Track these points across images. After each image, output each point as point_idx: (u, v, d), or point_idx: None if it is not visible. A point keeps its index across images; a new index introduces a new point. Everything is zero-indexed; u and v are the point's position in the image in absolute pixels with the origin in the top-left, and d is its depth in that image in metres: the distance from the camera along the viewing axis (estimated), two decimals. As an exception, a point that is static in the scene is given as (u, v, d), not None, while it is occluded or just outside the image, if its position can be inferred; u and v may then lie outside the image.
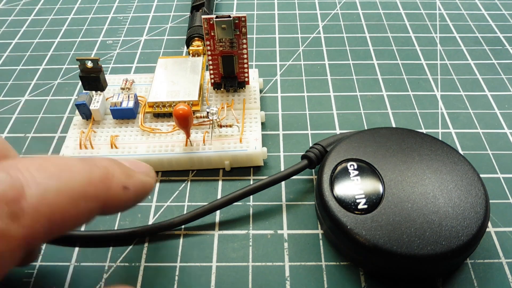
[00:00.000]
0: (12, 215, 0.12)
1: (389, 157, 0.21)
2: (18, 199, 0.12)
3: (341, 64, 0.32)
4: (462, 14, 0.37)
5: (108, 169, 0.16)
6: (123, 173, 0.16)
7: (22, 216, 0.12)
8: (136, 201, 0.17)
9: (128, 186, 0.16)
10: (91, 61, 0.24)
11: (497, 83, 0.30)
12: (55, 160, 0.14)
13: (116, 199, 0.16)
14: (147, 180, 0.17)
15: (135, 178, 0.17)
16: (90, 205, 0.14)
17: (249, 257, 0.21)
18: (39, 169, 0.13)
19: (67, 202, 0.14)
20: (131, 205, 0.17)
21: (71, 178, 0.14)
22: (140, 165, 0.18)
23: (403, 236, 0.18)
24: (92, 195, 0.14)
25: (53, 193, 0.13)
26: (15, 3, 0.40)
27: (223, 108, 0.26)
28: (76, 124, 0.26)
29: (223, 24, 0.24)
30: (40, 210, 0.13)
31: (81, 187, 0.14)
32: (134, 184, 0.16)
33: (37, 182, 0.13)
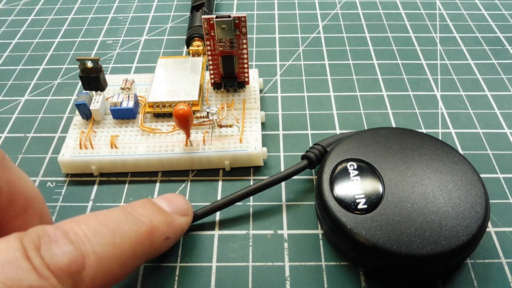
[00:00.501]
0: (74, 285, 0.13)
1: (389, 157, 0.21)
2: (80, 271, 0.14)
3: (341, 64, 0.32)
4: (462, 14, 0.37)
5: (152, 224, 0.17)
6: (164, 223, 0.18)
7: (81, 285, 0.14)
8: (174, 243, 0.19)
9: (169, 237, 0.18)
10: (91, 61, 0.24)
11: (497, 83, 0.30)
12: (108, 222, 0.16)
13: (158, 250, 0.18)
14: (185, 221, 0.19)
15: (175, 225, 0.18)
16: (136, 263, 0.16)
17: (249, 257, 0.21)
18: (95, 235, 0.15)
19: (119, 265, 0.15)
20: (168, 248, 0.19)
21: (123, 242, 0.15)
22: (178, 203, 0.20)
23: (402, 236, 0.18)
24: (139, 254, 0.16)
25: (108, 262, 0.15)
26: (15, 3, 0.40)
27: (223, 108, 0.26)
28: (76, 124, 0.26)
29: (223, 24, 0.24)
30: (96, 277, 0.14)
31: (131, 250, 0.16)
32: (174, 231, 0.18)
33: (95, 252, 0.14)
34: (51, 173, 0.25)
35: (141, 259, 0.16)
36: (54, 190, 0.24)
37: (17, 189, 0.16)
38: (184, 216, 0.19)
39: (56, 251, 0.14)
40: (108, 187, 0.24)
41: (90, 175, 0.25)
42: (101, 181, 0.24)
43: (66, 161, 0.24)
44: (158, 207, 0.18)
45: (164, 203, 0.19)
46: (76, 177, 0.25)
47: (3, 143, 0.27)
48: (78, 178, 0.24)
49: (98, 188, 0.24)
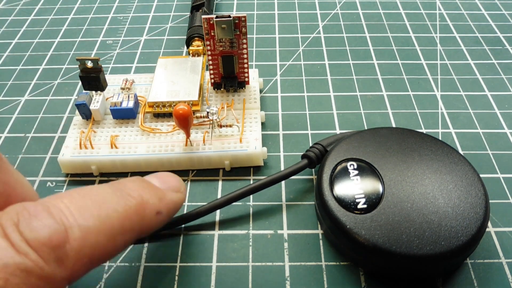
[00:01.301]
0: (57, 259, 0.13)
1: (389, 157, 0.21)
2: (63, 244, 0.13)
3: (341, 64, 0.32)
4: (462, 14, 0.37)
5: (142, 198, 0.16)
6: (155, 197, 0.17)
7: (66, 260, 0.13)
8: (168, 219, 0.18)
9: (161, 211, 0.17)
10: (91, 61, 0.24)
11: (497, 83, 0.30)
12: (93, 195, 0.15)
13: (150, 226, 0.16)
14: (178, 196, 0.18)
15: (167, 200, 0.17)
16: (126, 237, 0.15)
17: (249, 257, 0.21)
18: (79, 209, 0.14)
19: (106, 239, 0.14)
20: (163, 224, 0.18)
21: (109, 215, 0.15)
22: (169, 179, 0.18)
23: (402, 236, 0.18)
24: (128, 228, 0.15)
25: (93, 234, 0.14)
26: (15, 3, 0.40)
27: (223, 108, 0.26)
28: (76, 124, 0.26)
29: (223, 24, 0.24)
30: (82, 251, 0.13)
31: (118, 223, 0.15)
32: (166, 206, 0.17)
33: (79, 224, 0.14)
34: (51, 173, 0.25)
35: (132, 233, 0.16)
36: (54, 190, 0.24)
37: (14, 191, 0.16)
38: (176, 193, 0.18)
39: (35, 224, 0.13)
40: (108, 187, 0.24)
41: (90, 175, 0.25)
42: (101, 181, 0.24)
43: (66, 161, 0.24)
44: (148, 183, 0.17)
45: (155, 180, 0.18)
46: (76, 177, 0.25)
47: (3, 143, 0.27)
48: (78, 178, 0.25)
49: (98, 188, 0.24)
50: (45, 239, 0.13)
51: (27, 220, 0.13)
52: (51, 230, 0.13)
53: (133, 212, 0.15)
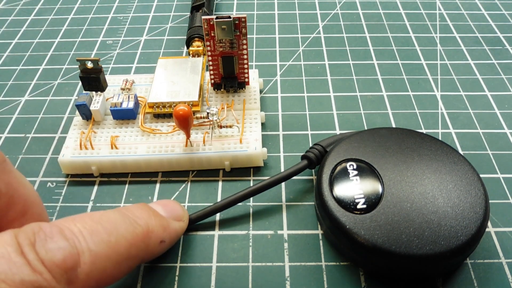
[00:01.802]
0: (68, 281, 0.14)
1: (388, 157, 0.21)
2: (75, 268, 0.14)
3: (341, 64, 0.32)
4: (462, 14, 0.37)
5: (148, 226, 0.17)
6: (160, 227, 0.18)
7: (76, 282, 0.14)
8: (169, 247, 0.19)
9: (164, 240, 0.18)
10: (91, 61, 0.24)
11: (497, 83, 0.30)
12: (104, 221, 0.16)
13: (153, 253, 0.18)
14: (180, 226, 0.20)
15: (170, 229, 0.19)
16: (131, 264, 0.16)
17: (249, 257, 0.21)
18: (91, 234, 0.15)
19: (113, 265, 0.15)
20: (163, 252, 0.19)
21: (118, 242, 0.15)
22: (173, 208, 0.20)
23: (402, 236, 0.18)
24: (134, 255, 0.16)
25: (102, 259, 0.15)
26: (15, 3, 0.40)
27: (223, 108, 0.26)
28: (76, 124, 0.26)
29: (223, 24, 0.24)
30: (90, 275, 0.14)
31: (125, 251, 0.16)
32: (169, 235, 0.18)
33: (90, 249, 0.14)
34: (51, 174, 0.25)
35: (136, 260, 0.17)
36: (54, 190, 0.24)
37: (16, 192, 0.17)
38: (179, 221, 0.20)
39: (51, 246, 0.14)
40: (108, 188, 0.24)
41: (90, 175, 0.25)
42: (101, 181, 0.24)
43: (66, 161, 0.24)
44: (154, 211, 0.18)
45: (160, 208, 0.19)
46: (76, 177, 0.25)
47: (3, 144, 0.27)
48: (78, 178, 0.25)
49: (98, 189, 0.24)
50: (59, 261, 0.13)
51: (43, 240, 0.14)
52: (65, 252, 0.14)
53: (139, 240, 0.16)
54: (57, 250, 0.14)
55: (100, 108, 0.26)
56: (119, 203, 0.23)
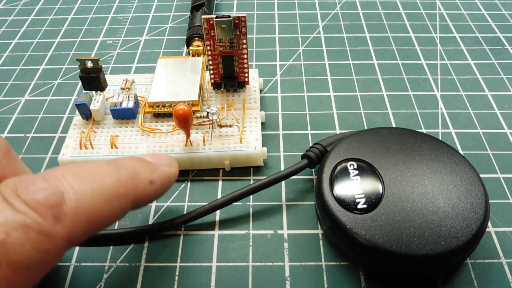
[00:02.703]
0: (56, 218, 0.14)
1: (389, 157, 0.21)
2: (60, 204, 0.14)
3: (341, 64, 0.32)
4: (462, 14, 0.37)
5: (134, 168, 0.17)
6: (148, 169, 0.18)
7: (64, 218, 0.14)
8: (163, 191, 0.19)
9: (154, 181, 0.18)
10: (91, 61, 0.24)
11: (497, 83, 0.30)
12: (87, 166, 0.16)
13: (144, 194, 0.17)
14: (171, 170, 0.19)
15: (159, 172, 0.18)
16: (122, 203, 0.16)
17: (249, 257, 0.21)
18: (74, 176, 0.15)
19: (102, 202, 0.15)
20: (158, 196, 0.19)
21: (103, 181, 0.16)
22: (162, 158, 0.20)
23: (402, 236, 0.18)
24: (123, 194, 0.16)
25: (89, 196, 0.15)
26: (15, 3, 0.40)
27: (223, 108, 0.26)
28: (76, 124, 0.26)
29: (223, 24, 0.24)
30: (79, 212, 0.14)
31: (112, 188, 0.16)
32: (159, 177, 0.18)
33: (74, 188, 0.14)
34: (51, 173, 0.25)
35: (127, 200, 0.16)
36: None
37: None
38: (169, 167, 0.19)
39: (32, 189, 0.14)
40: (108, 187, 0.24)
41: (90, 175, 0.24)
42: (101, 181, 0.24)
43: (66, 161, 0.24)
44: (141, 158, 0.19)
45: (148, 157, 0.19)
46: (76, 177, 0.25)
47: (3, 143, 0.27)
48: (78, 178, 0.24)
49: (98, 188, 0.24)
50: (42, 199, 0.14)
51: (25, 186, 0.14)
52: (47, 192, 0.14)
53: (126, 180, 0.16)
54: (39, 191, 0.14)
55: (100, 107, 0.26)
56: (119, 203, 0.23)
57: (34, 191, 0.14)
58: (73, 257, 0.21)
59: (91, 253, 0.21)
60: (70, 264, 0.21)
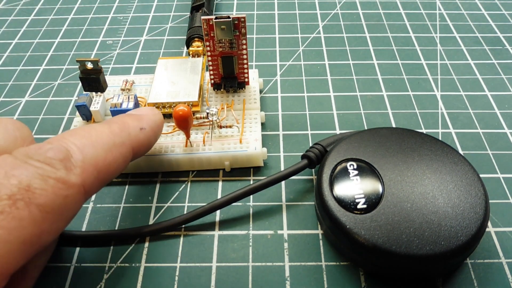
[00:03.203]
0: (67, 168, 0.16)
1: (389, 157, 0.21)
2: (68, 158, 0.16)
3: (341, 64, 0.32)
4: (462, 14, 0.37)
5: (122, 121, 0.20)
6: (135, 119, 0.21)
7: (74, 168, 0.16)
8: (154, 136, 0.22)
9: (143, 127, 0.20)
10: (91, 62, 0.24)
11: (497, 83, 0.30)
12: (82, 127, 0.19)
13: (138, 140, 0.20)
14: (155, 117, 0.22)
15: (146, 119, 0.21)
16: (121, 150, 0.18)
17: (249, 257, 0.21)
18: (73, 135, 0.17)
19: (103, 151, 0.17)
20: (153, 139, 0.21)
21: (99, 135, 0.18)
22: (145, 109, 0.22)
23: (402, 236, 0.18)
24: (119, 142, 0.19)
25: (91, 148, 0.17)
26: (15, 3, 0.40)
27: (223, 108, 0.26)
28: (77, 125, 0.26)
29: (223, 25, 0.24)
30: (85, 161, 0.17)
31: (108, 139, 0.18)
32: (147, 123, 0.21)
33: (76, 144, 0.17)
34: (51, 174, 0.25)
35: (125, 147, 0.19)
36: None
37: None
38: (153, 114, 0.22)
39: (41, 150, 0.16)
40: (108, 188, 0.24)
41: (91, 175, 0.25)
42: (101, 181, 0.24)
43: (66, 161, 0.24)
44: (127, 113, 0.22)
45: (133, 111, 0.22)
46: (76, 177, 0.25)
47: (4, 144, 0.27)
48: (78, 178, 0.25)
49: (98, 189, 0.24)
50: (52, 156, 0.16)
51: (34, 150, 0.16)
52: (54, 150, 0.16)
53: (119, 130, 0.19)
54: (48, 150, 0.16)
55: (100, 108, 0.26)
56: (119, 203, 0.23)
57: (44, 151, 0.16)
58: (74, 258, 0.21)
59: (91, 254, 0.21)
60: (70, 264, 0.21)
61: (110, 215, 0.23)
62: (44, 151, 0.16)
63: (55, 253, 0.21)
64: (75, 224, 0.22)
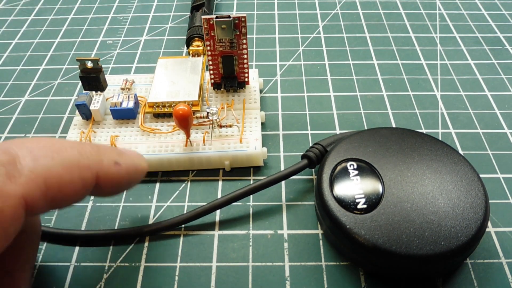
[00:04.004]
0: (9, 175, 0.13)
1: (389, 157, 0.21)
2: (14, 162, 0.13)
3: (341, 64, 0.32)
4: (462, 14, 0.37)
5: (98, 147, 0.17)
6: (113, 151, 0.17)
7: (18, 176, 0.13)
8: (129, 180, 0.18)
9: (119, 163, 0.17)
10: (91, 61, 0.24)
11: (497, 83, 0.30)
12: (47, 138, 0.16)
13: (108, 173, 0.16)
14: (139, 159, 0.18)
15: (126, 157, 0.17)
16: (83, 173, 0.15)
17: (249, 257, 0.21)
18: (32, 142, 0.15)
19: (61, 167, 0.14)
20: (125, 184, 0.18)
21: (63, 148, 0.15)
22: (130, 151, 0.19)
23: (402, 236, 0.18)
24: (85, 165, 0.15)
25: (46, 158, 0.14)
26: (15, 3, 0.40)
27: (223, 108, 0.26)
28: (76, 124, 0.26)
29: (223, 24, 0.24)
30: (35, 172, 0.14)
31: (73, 156, 0.15)
32: (125, 162, 0.17)
33: (30, 150, 0.14)
34: (51, 173, 0.25)
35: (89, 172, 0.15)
36: (54, 190, 0.24)
37: None
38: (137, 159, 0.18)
39: None
40: (108, 187, 0.24)
41: (90, 175, 0.24)
42: (101, 181, 0.24)
43: (66, 161, 0.24)
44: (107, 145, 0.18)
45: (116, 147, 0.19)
46: (76, 177, 0.25)
47: (3, 143, 0.27)
48: (78, 178, 0.24)
49: (98, 188, 0.24)
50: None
51: None
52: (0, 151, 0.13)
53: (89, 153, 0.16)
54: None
55: (100, 108, 0.26)
56: (119, 202, 0.23)
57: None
58: (73, 257, 0.21)
59: (91, 253, 0.21)
60: (70, 264, 0.21)
61: (110, 214, 0.23)
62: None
63: (55, 253, 0.21)
64: (75, 224, 0.22)
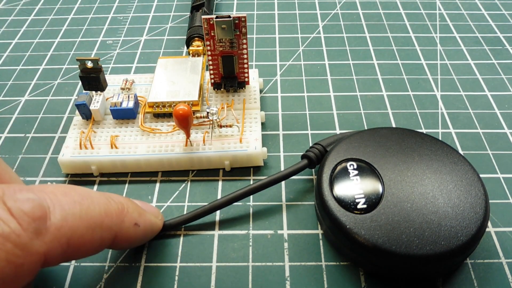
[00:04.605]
0: (37, 232, 0.13)
1: (389, 157, 0.21)
2: (44, 218, 0.13)
3: (341, 64, 0.32)
4: (462, 14, 0.37)
5: (123, 205, 0.17)
6: (135, 211, 0.18)
7: (45, 234, 0.13)
8: (143, 239, 0.19)
9: (139, 224, 0.18)
10: (91, 61, 0.24)
11: (497, 83, 0.30)
12: (78, 189, 0.16)
13: (126, 234, 0.17)
14: (156, 221, 0.20)
15: (145, 217, 0.19)
16: (104, 234, 0.16)
17: (249, 257, 0.21)
18: (63, 195, 0.15)
19: (85, 227, 0.15)
20: (138, 242, 0.19)
21: (91, 207, 0.15)
22: (150, 207, 0.20)
23: (402, 236, 0.18)
24: (107, 226, 0.16)
25: (75, 218, 0.14)
26: (15, 3, 0.40)
27: (223, 108, 0.26)
28: (76, 124, 0.26)
29: (223, 24, 0.24)
30: (61, 231, 0.14)
31: (99, 217, 0.16)
32: (144, 222, 0.18)
33: (62, 206, 0.14)
34: (51, 173, 0.25)
35: (109, 232, 0.16)
36: (54, 190, 0.24)
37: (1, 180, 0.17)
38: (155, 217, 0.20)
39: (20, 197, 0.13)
40: (108, 187, 0.24)
41: (90, 175, 0.25)
42: (101, 181, 0.24)
43: (66, 161, 0.24)
44: (130, 199, 0.19)
45: (138, 202, 0.19)
46: (76, 177, 0.25)
47: (3, 143, 0.27)
48: (78, 178, 0.24)
49: (98, 188, 0.24)
50: (27, 210, 0.13)
51: (12, 194, 0.13)
52: (34, 203, 0.13)
53: (114, 212, 0.16)
54: (26, 201, 0.13)
55: (100, 107, 0.26)
56: (119, 203, 0.23)
57: (21, 200, 0.13)
58: (73, 257, 0.21)
59: (91, 253, 0.21)
60: (70, 264, 0.21)
61: (110, 214, 0.23)
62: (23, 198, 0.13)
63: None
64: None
